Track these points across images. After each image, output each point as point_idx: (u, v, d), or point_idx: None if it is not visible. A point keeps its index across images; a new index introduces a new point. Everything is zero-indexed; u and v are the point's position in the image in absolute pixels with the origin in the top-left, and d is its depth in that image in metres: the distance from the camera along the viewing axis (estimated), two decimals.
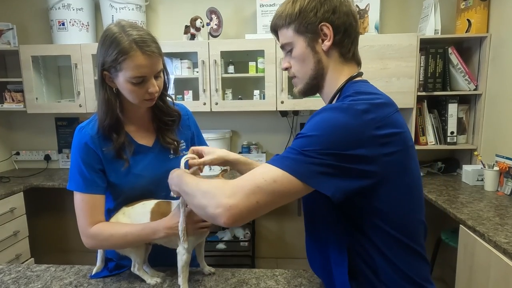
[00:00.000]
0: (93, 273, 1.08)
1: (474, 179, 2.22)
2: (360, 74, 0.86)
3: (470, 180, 2.24)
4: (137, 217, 1.03)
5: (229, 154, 1.05)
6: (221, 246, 2.66)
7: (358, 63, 0.88)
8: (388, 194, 0.74)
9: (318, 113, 0.74)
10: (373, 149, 0.69)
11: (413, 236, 0.78)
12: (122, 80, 0.97)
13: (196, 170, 1.01)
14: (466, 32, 2.30)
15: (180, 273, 0.99)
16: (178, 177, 0.90)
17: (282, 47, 0.88)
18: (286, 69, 0.89)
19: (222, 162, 1.05)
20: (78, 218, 1.03)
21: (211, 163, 1.03)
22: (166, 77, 1.07)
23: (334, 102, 0.83)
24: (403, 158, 0.74)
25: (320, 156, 0.68)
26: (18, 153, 2.93)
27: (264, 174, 0.70)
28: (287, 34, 0.85)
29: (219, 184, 0.74)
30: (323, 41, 0.82)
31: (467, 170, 2.27)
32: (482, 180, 2.18)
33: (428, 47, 2.32)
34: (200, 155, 1.04)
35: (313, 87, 0.87)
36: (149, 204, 1.05)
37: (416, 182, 0.79)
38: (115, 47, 0.94)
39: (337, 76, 0.84)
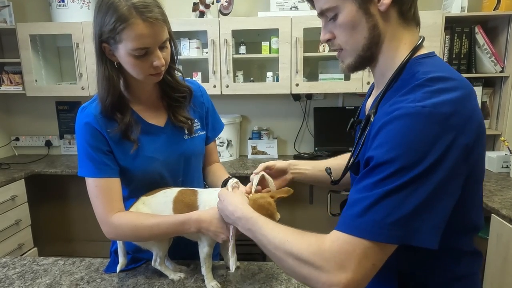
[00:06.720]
0: (117, 270, 0.97)
1: (498, 166, 2.12)
2: (423, 40, 0.69)
3: (494, 167, 2.14)
4: (158, 207, 0.93)
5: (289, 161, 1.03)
6: None
7: (418, 23, 0.70)
8: (462, 201, 0.61)
9: (391, 120, 0.59)
10: (460, 158, 0.58)
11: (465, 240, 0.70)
12: (123, 53, 0.86)
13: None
14: (494, 9, 2.16)
15: (203, 264, 0.93)
16: (246, 219, 0.74)
17: (322, 13, 0.71)
18: (328, 40, 0.72)
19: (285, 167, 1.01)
20: (95, 207, 0.92)
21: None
22: (173, 47, 0.95)
23: (396, 82, 0.68)
24: (480, 160, 0.64)
25: (410, 190, 0.56)
26: (17, 139, 2.82)
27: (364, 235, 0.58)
28: None
29: (313, 247, 0.61)
30: (379, 0, 0.65)
31: (491, 157, 2.17)
32: (507, 167, 2.09)
33: (453, 26, 2.18)
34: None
35: (366, 59, 0.70)
36: (171, 193, 0.95)
37: (482, 183, 0.68)
38: (112, 14, 0.82)
39: (396, 45, 0.68)
